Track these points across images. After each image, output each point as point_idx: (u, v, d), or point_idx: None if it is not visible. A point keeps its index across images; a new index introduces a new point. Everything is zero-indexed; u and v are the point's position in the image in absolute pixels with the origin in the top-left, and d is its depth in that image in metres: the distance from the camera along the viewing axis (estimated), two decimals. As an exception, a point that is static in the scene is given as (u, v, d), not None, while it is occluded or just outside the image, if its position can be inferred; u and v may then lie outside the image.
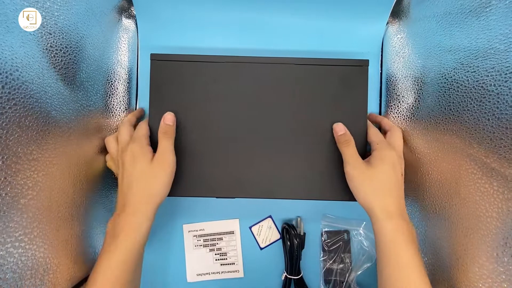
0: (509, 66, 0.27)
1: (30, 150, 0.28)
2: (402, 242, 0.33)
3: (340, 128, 0.40)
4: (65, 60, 0.33)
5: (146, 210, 0.36)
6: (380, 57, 0.52)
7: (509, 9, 0.28)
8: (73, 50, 0.34)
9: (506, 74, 0.27)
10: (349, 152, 0.38)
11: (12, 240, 0.26)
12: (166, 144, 0.38)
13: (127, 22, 0.49)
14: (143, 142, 0.38)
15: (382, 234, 0.34)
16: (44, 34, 0.30)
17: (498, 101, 0.28)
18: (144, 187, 0.36)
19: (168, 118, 0.40)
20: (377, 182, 0.36)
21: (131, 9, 0.49)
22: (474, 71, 0.31)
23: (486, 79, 0.29)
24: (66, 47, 0.33)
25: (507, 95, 0.27)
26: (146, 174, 0.36)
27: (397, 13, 0.49)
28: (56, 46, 0.31)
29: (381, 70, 0.51)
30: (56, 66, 0.32)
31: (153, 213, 0.36)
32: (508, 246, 0.27)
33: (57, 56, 0.32)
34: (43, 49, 0.30)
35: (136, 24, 0.49)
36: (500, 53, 0.28)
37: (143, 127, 0.40)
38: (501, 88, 0.28)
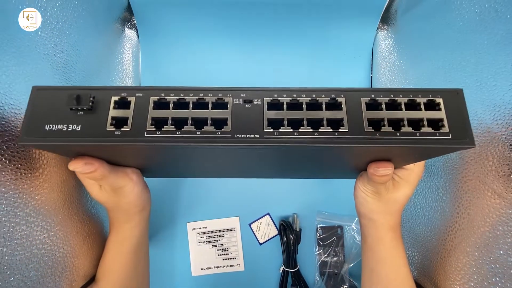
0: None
1: (50, 159, 0.31)
2: (400, 247, 0.34)
3: (386, 172, 0.27)
4: (77, 76, 0.36)
5: (127, 227, 0.36)
6: (371, 61, 0.54)
7: (479, 21, 0.31)
8: (84, 66, 0.37)
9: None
10: (383, 186, 0.31)
11: (37, 242, 0.29)
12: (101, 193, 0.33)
13: (130, 32, 0.51)
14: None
15: (381, 243, 0.34)
16: (57, 52, 0.32)
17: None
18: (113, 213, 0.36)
19: (78, 167, 0.25)
20: (392, 204, 0.32)
21: (133, 19, 0.51)
22: (451, 81, 0.34)
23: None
24: (77, 63, 0.35)
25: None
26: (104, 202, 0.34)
27: (386, 19, 0.52)
28: (69, 63, 0.34)
29: (372, 74, 0.54)
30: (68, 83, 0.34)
31: (139, 221, 0.36)
32: (487, 249, 0.29)
33: (69, 72, 0.34)
34: (57, 67, 0.32)
35: (138, 33, 0.52)
36: (470, 65, 0.31)
37: None
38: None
